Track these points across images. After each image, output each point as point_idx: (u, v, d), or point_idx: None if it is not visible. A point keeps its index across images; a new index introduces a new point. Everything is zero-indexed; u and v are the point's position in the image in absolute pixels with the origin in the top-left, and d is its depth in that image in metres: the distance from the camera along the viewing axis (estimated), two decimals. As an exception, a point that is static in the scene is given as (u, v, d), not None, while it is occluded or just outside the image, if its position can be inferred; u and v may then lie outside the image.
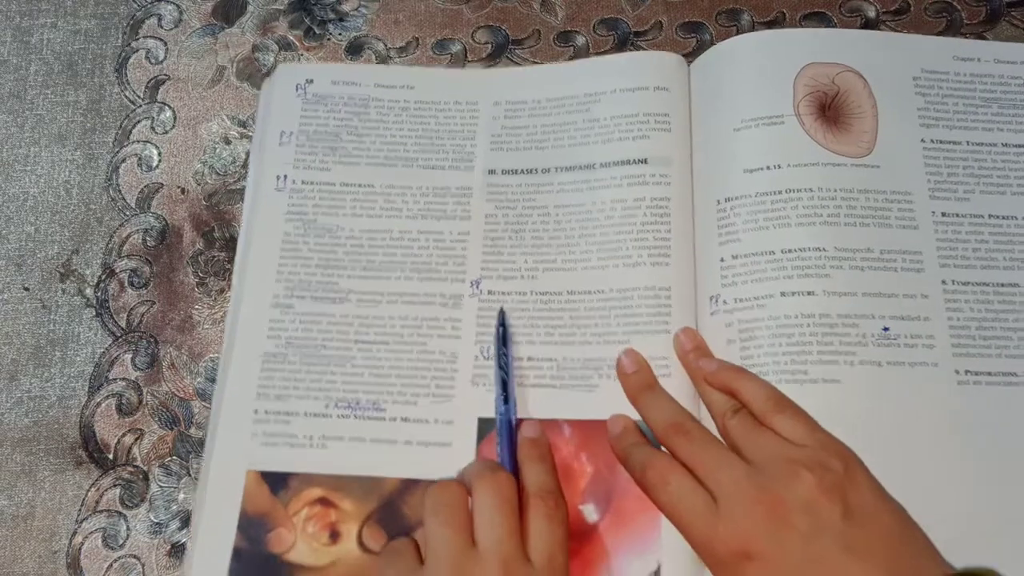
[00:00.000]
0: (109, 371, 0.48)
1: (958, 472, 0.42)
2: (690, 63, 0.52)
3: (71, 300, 0.50)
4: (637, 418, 0.43)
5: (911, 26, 0.53)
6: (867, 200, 0.47)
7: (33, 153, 0.53)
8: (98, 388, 0.48)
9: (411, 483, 0.44)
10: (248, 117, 0.53)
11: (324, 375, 0.46)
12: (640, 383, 0.44)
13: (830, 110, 0.49)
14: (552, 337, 0.46)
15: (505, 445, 0.42)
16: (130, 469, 0.46)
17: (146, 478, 0.46)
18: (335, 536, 0.43)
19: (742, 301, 0.45)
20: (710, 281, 0.46)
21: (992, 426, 0.43)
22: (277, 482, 0.44)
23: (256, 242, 0.49)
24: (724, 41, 0.51)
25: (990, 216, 0.47)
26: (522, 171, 0.50)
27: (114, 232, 0.51)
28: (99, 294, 0.50)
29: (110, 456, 0.46)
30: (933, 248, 0.46)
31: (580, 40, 0.54)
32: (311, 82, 0.53)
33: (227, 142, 0.53)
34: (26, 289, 0.50)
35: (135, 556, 0.45)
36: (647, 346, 0.45)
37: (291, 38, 0.55)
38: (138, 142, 0.53)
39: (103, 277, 0.50)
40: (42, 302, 0.50)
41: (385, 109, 0.52)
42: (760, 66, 0.50)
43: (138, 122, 0.54)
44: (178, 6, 0.56)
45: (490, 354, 0.46)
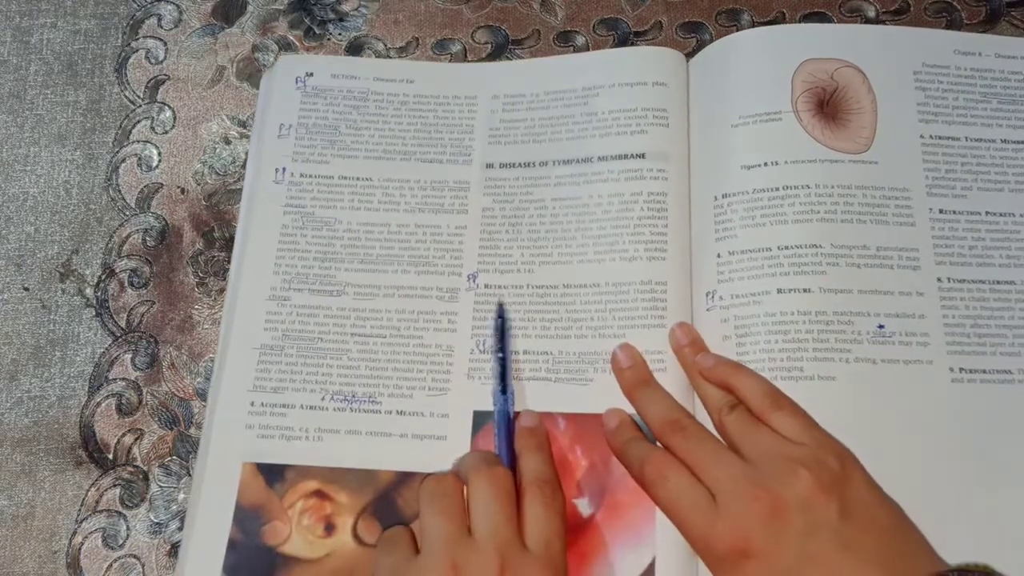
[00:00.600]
0: (109, 371, 0.48)
1: (953, 470, 0.42)
2: (689, 60, 0.52)
3: (71, 300, 0.50)
4: (631, 412, 0.43)
5: (911, 26, 0.53)
6: (864, 197, 0.47)
7: (33, 153, 0.53)
8: (98, 388, 0.48)
9: (406, 476, 0.44)
10: (248, 117, 0.53)
11: (320, 368, 0.46)
12: (636, 378, 0.44)
13: (828, 106, 0.49)
14: (548, 331, 0.46)
15: (503, 436, 0.43)
16: (130, 469, 0.46)
17: (146, 478, 0.46)
18: (330, 528, 0.43)
19: (738, 297, 0.45)
20: (706, 277, 0.46)
21: (987, 424, 0.43)
22: (273, 474, 0.44)
23: (254, 235, 0.49)
24: (723, 37, 0.51)
25: (987, 213, 0.47)
26: (519, 164, 0.50)
27: (114, 232, 0.51)
28: (99, 294, 0.50)
29: (110, 456, 0.47)
30: (929, 245, 0.46)
31: (580, 40, 0.54)
32: (311, 75, 0.53)
33: (227, 142, 0.53)
34: (26, 289, 0.50)
35: (135, 556, 0.45)
36: (642, 340, 0.45)
37: (291, 38, 0.55)
38: (138, 142, 0.53)
39: (103, 277, 0.50)
40: (42, 302, 0.50)
41: (384, 103, 0.53)
42: (759, 62, 0.50)
43: (138, 122, 0.54)
44: (178, 6, 0.57)
45: (486, 347, 0.46)
